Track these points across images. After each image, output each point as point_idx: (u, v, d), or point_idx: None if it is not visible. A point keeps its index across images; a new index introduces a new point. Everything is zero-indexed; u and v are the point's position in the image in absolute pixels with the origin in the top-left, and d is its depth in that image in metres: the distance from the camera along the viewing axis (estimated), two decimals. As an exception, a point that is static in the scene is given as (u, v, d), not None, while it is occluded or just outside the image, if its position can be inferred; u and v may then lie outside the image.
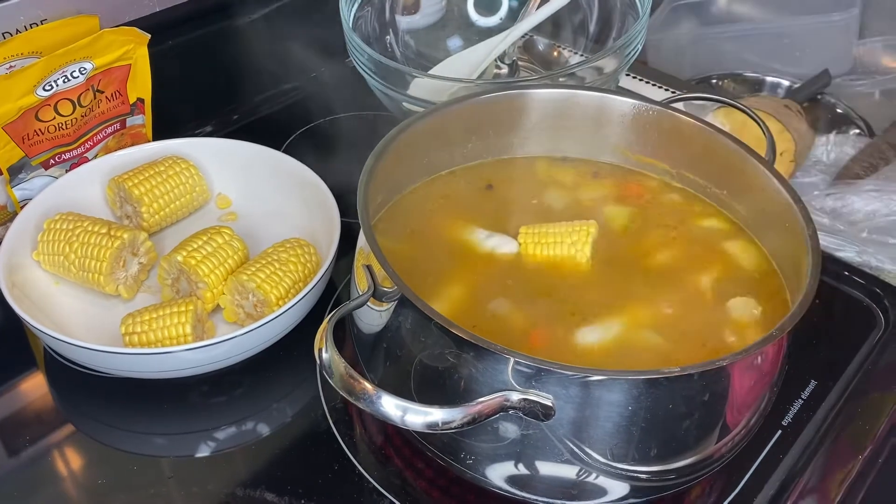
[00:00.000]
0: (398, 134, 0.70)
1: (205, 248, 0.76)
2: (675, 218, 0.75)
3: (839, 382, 0.76)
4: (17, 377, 0.77)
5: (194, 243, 0.77)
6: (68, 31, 0.82)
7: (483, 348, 0.54)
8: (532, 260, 0.71)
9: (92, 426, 0.73)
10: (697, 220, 0.75)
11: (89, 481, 0.68)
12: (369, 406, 0.52)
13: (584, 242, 0.70)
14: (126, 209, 0.86)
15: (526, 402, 0.54)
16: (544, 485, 0.60)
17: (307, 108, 1.09)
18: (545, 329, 0.64)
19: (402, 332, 0.60)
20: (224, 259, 0.76)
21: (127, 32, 0.84)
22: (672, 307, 0.66)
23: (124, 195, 0.84)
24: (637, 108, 0.76)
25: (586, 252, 0.70)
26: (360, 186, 0.64)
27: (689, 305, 0.67)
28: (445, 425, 0.52)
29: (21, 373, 0.77)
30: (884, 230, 0.89)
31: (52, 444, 0.71)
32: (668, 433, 0.57)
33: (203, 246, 0.76)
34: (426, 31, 1.11)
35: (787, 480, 0.69)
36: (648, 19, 0.92)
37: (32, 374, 0.78)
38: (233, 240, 0.79)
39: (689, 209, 0.76)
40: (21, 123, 0.79)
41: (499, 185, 0.78)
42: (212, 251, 0.76)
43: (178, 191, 0.86)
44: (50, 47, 0.79)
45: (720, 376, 0.56)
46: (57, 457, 0.70)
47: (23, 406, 0.75)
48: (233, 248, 0.78)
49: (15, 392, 0.76)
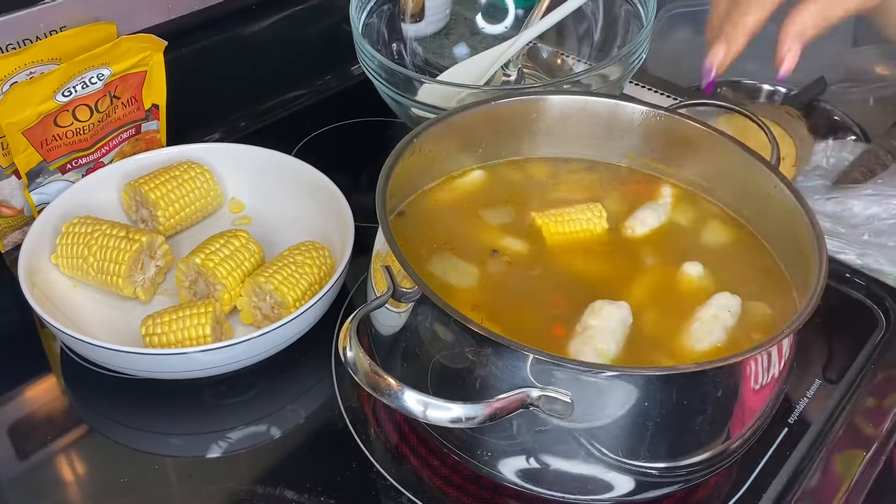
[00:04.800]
0: (413, 138, 0.71)
1: (222, 250, 0.77)
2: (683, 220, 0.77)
3: (843, 382, 0.78)
4: (33, 379, 0.78)
5: (212, 246, 0.78)
6: (87, 37, 0.83)
7: (502, 345, 0.55)
8: (553, 240, 0.73)
9: (109, 426, 0.74)
10: (706, 221, 0.77)
11: (109, 481, 0.69)
12: (393, 401, 0.53)
13: (599, 217, 0.75)
14: (142, 213, 0.87)
15: (545, 398, 0.55)
16: (556, 479, 0.61)
17: (315, 114, 1.11)
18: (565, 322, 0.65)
19: (422, 331, 0.61)
20: (241, 262, 0.78)
21: (144, 39, 0.86)
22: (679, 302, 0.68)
23: (140, 199, 0.86)
24: (646, 114, 0.77)
25: (604, 223, 0.74)
26: (379, 188, 0.65)
27: (696, 301, 0.68)
28: (468, 420, 0.54)
29: (37, 374, 0.78)
30: (883, 233, 0.90)
31: (68, 445, 0.72)
32: (681, 429, 0.58)
33: (221, 248, 0.78)
34: (433, 39, 1.13)
35: (794, 477, 0.70)
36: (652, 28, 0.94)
37: (48, 376, 0.79)
38: (249, 243, 0.80)
39: (697, 212, 0.78)
40: (40, 129, 0.80)
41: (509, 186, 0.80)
42: (229, 254, 0.77)
43: (193, 195, 0.87)
44: (69, 54, 0.81)
45: (733, 373, 0.58)
46: (74, 457, 0.71)
47: (38, 407, 0.76)
48: (249, 251, 0.79)
49: (31, 393, 0.77)
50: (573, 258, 0.73)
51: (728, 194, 0.77)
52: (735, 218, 0.77)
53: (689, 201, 0.79)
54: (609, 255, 0.73)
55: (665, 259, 0.72)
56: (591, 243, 0.74)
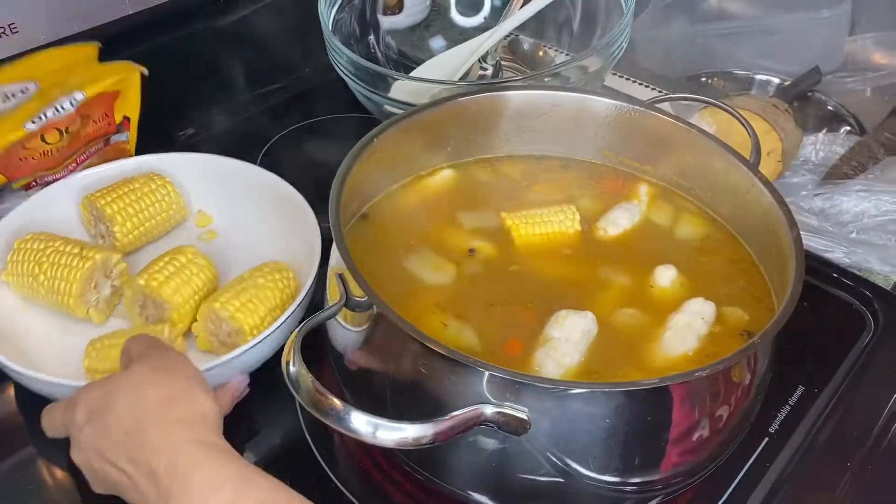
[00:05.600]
0: (372, 139, 0.68)
1: (166, 269, 0.73)
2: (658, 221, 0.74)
3: (828, 387, 0.74)
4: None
5: (156, 266, 0.74)
6: (67, 59, 0.80)
7: (456, 361, 0.52)
8: (523, 241, 0.70)
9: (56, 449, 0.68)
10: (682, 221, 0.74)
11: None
12: (338, 423, 0.50)
13: (572, 219, 0.72)
14: (100, 228, 0.83)
15: (501, 415, 0.52)
16: (524, 498, 0.59)
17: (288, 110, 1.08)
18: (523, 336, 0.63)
19: (376, 344, 0.58)
20: (188, 278, 0.74)
21: (123, 68, 0.82)
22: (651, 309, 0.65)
23: (97, 213, 0.82)
24: (618, 109, 0.74)
25: (576, 226, 0.72)
26: (333, 194, 0.62)
27: (668, 307, 0.65)
28: (417, 441, 0.50)
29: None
30: (873, 231, 0.87)
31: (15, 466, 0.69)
32: (649, 444, 0.56)
33: (165, 267, 0.74)
34: (408, 32, 1.10)
35: (775, 488, 0.67)
36: (633, 17, 0.91)
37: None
38: (197, 257, 0.76)
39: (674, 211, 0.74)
40: (6, 155, 0.77)
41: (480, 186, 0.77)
42: (175, 271, 0.73)
43: (153, 209, 0.83)
44: (47, 75, 0.77)
45: (701, 386, 0.55)
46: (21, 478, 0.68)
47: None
48: (197, 266, 0.75)
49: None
50: (542, 262, 0.70)
51: (705, 193, 0.74)
52: (713, 218, 0.73)
53: (665, 200, 0.76)
54: (580, 258, 0.70)
55: (638, 262, 0.69)
56: (563, 246, 0.71)
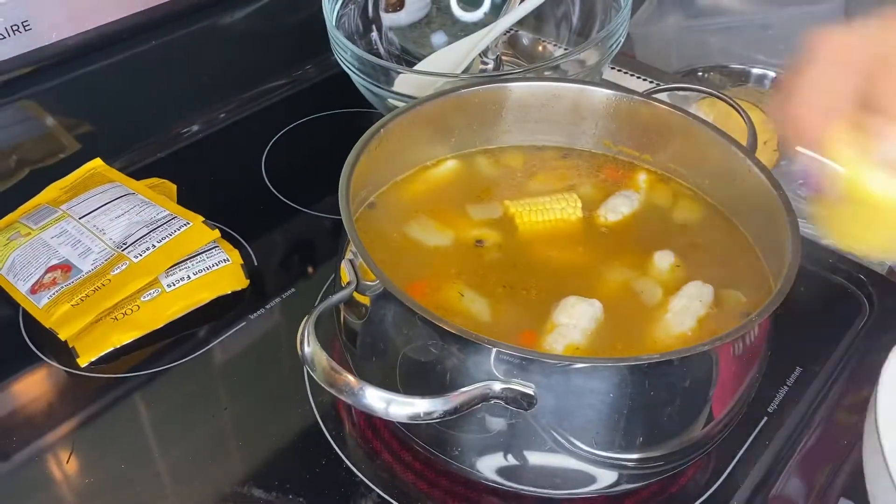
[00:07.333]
0: (379, 129, 0.70)
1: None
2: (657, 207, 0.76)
3: (824, 369, 0.76)
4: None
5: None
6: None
7: (465, 339, 0.54)
8: (526, 229, 0.72)
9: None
10: (680, 208, 0.75)
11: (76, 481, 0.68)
12: (352, 399, 0.52)
13: (574, 206, 0.73)
14: None
15: (508, 391, 0.54)
16: (532, 474, 0.60)
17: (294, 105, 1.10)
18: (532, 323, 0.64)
19: (386, 325, 0.60)
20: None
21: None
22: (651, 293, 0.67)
23: None
24: (617, 99, 0.76)
25: (578, 213, 0.73)
26: (342, 180, 0.64)
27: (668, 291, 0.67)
28: (428, 415, 0.52)
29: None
30: (868, 217, 0.88)
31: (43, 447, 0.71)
32: (652, 420, 0.57)
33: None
34: (410, 28, 1.11)
35: (773, 466, 0.69)
36: (630, 11, 0.93)
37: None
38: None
39: (672, 198, 0.76)
40: None
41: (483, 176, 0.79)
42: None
43: None
44: None
45: (702, 362, 0.57)
46: (48, 459, 0.70)
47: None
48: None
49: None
50: (546, 248, 0.71)
51: (704, 180, 0.76)
52: (711, 204, 0.75)
53: (664, 187, 0.77)
54: (582, 244, 0.72)
55: (637, 247, 0.71)
56: (566, 232, 0.73)
